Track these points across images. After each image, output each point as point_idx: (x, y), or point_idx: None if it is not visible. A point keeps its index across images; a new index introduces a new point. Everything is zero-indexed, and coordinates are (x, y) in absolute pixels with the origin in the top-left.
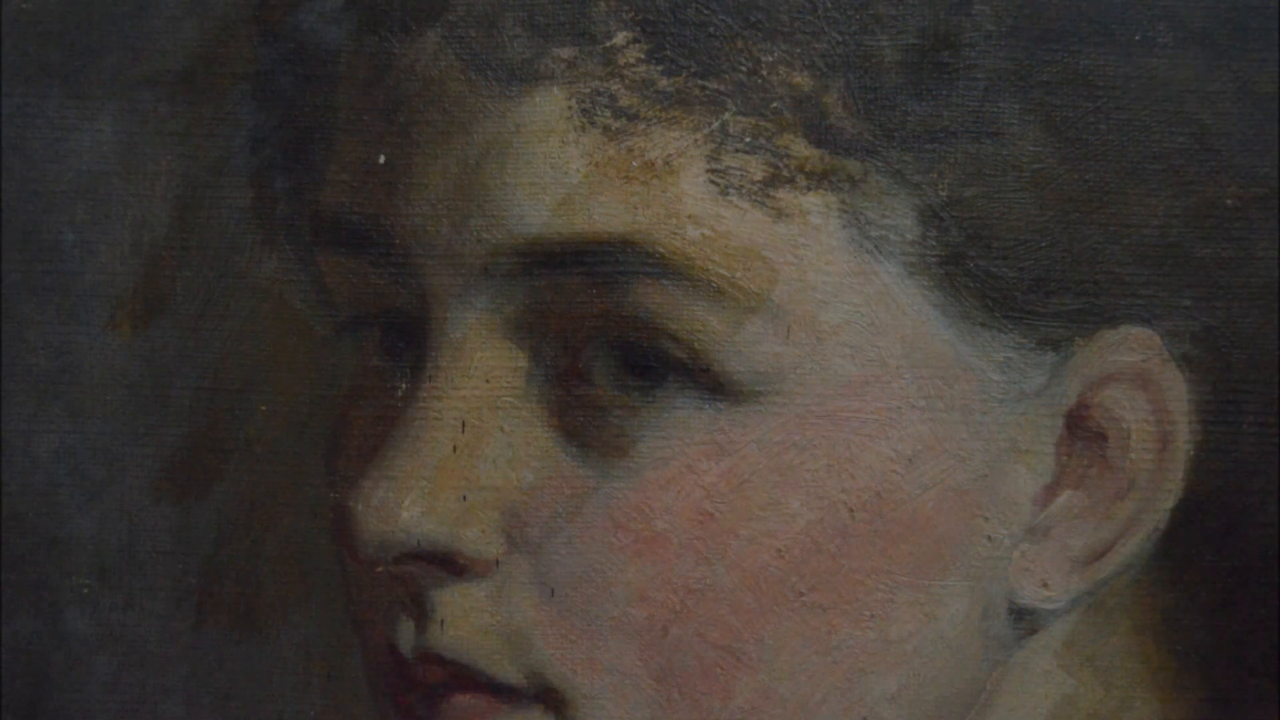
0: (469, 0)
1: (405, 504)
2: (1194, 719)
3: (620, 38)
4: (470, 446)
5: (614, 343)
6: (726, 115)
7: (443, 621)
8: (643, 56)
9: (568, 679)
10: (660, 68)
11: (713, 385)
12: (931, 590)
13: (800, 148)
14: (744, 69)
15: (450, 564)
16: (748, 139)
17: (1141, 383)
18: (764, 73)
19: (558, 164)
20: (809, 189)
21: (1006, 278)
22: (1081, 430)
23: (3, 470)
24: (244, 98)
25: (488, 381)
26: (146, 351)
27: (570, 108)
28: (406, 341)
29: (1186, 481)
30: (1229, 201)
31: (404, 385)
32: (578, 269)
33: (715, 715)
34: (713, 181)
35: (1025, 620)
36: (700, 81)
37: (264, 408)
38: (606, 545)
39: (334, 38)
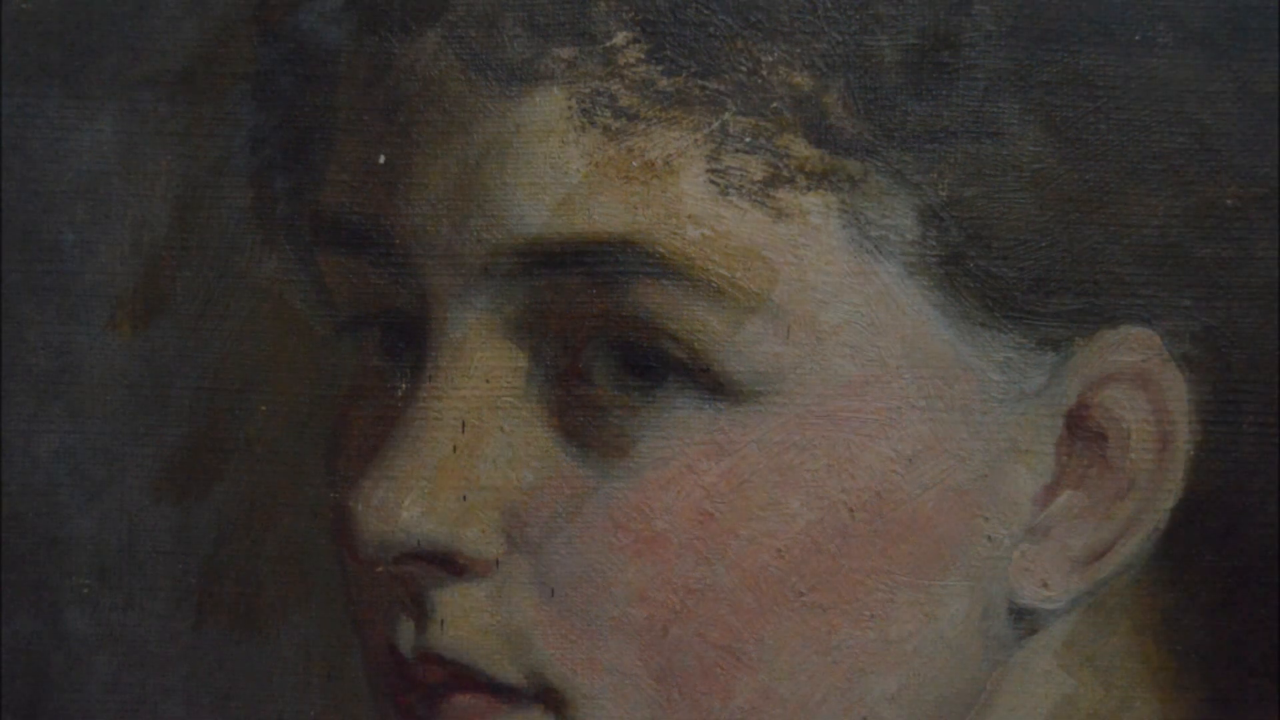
0: (469, 0)
1: (405, 504)
2: (1194, 719)
3: (620, 38)
4: (470, 446)
5: (614, 343)
6: (726, 115)
7: (443, 621)
8: (643, 56)
9: (568, 679)
10: (660, 68)
11: (713, 385)
12: (931, 590)
13: (800, 148)
14: (744, 69)
15: (450, 564)
16: (748, 139)
17: (1141, 383)
18: (764, 73)
19: (558, 164)
20: (809, 189)
21: (1006, 278)
22: (1081, 430)
23: (3, 470)
24: (244, 98)
25: (488, 381)
26: (146, 351)
27: (570, 108)
28: (406, 341)
29: (1186, 481)
30: (1229, 201)
31: (404, 385)
32: (578, 269)
33: (715, 715)
34: (713, 181)
35: (1025, 620)
36: (700, 81)
37: (264, 408)
38: (606, 545)
39: (334, 38)
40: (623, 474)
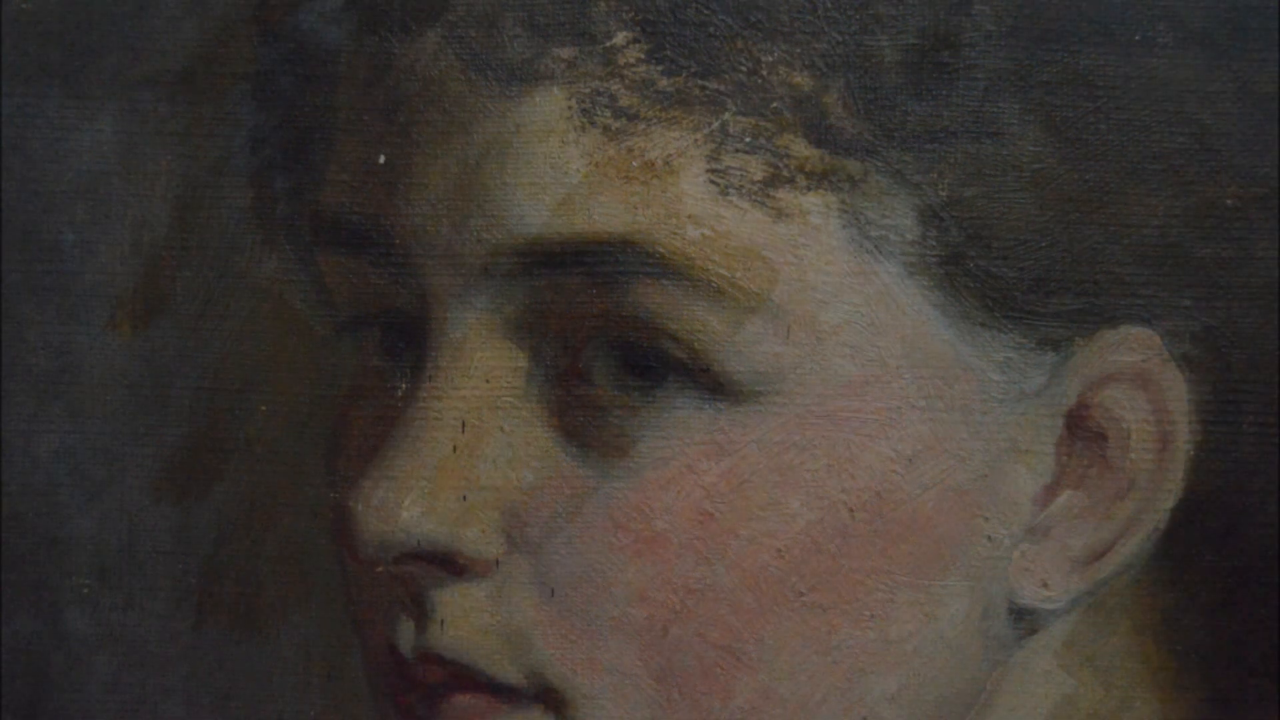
0: (469, 0)
1: (405, 504)
2: (1194, 719)
3: (620, 38)
4: (470, 446)
5: (614, 343)
6: (726, 115)
7: (443, 621)
8: (643, 56)
9: (568, 679)
10: (660, 68)
11: (713, 385)
12: (931, 590)
13: (800, 148)
14: (744, 69)
15: (450, 564)
16: (748, 139)
17: (1141, 383)
18: (764, 73)
19: (558, 164)
20: (809, 189)
21: (1006, 278)
22: (1081, 430)
23: (3, 470)
24: (244, 98)
25: (488, 381)
26: (146, 351)
27: (570, 108)
28: (406, 341)
29: (1186, 481)
30: (1229, 201)
31: (404, 385)
32: (578, 269)
33: (715, 715)
34: (713, 181)
35: (1025, 620)
36: (700, 81)
37: (264, 408)
38: (606, 545)
39: (334, 38)
40: (623, 474)
